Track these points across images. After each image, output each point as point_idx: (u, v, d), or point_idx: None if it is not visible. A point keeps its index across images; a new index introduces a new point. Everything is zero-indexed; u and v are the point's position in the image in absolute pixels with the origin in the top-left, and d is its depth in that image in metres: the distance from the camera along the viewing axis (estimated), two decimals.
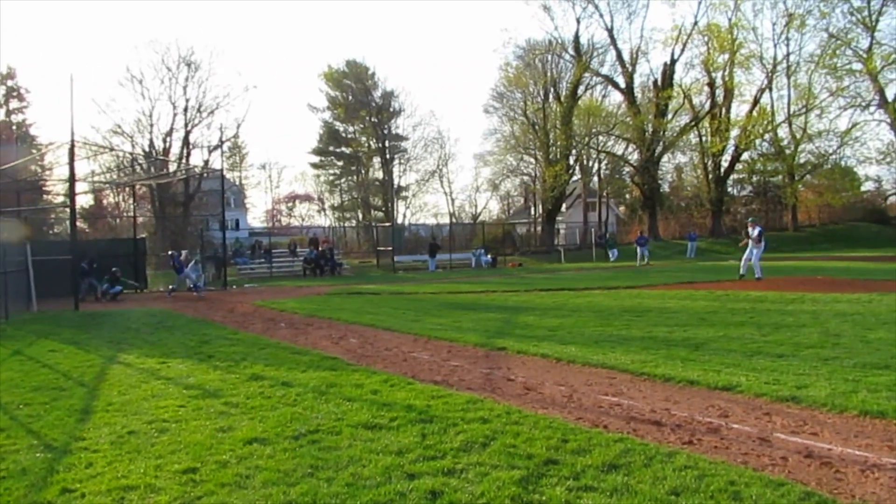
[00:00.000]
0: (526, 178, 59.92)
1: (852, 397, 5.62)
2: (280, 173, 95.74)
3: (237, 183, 61.99)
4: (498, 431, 5.03)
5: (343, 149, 59.06)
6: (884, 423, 5.03)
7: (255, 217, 68.58)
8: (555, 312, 13.04)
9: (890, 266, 23.38)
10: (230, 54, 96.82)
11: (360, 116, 56.61)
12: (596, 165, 55.35)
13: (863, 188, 53.58)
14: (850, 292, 14.29)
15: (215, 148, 42.15)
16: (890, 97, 50.83)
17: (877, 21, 49.95)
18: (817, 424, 5.09)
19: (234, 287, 25.80)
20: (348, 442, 4.90)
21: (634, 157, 51.70)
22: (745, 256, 19.67)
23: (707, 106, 48.66)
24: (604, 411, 5.69)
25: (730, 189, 53.19)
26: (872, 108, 50.50)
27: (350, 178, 61.05)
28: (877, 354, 7.45)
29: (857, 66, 48.17)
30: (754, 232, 19.26)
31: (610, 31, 48.62)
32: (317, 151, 61.54)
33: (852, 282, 17.41)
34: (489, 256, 37.03)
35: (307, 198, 67.49)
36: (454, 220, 57.44)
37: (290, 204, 69.76)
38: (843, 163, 49.67)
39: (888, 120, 50.79)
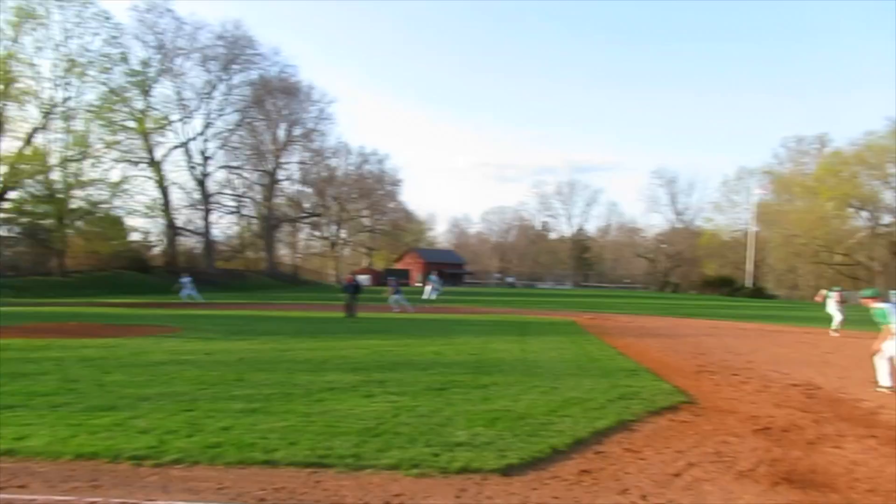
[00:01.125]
0: None
1: (70, 442, 5.95)
2: None
3: None
4: None
5: None
6: (94, 463, 5.50)
7: None
8: None
9: (146, 311, 25.51)
10: None
11: None
12: None
13: (130, 238, 56.97)
14: (102, 337, 15.05)
15: None
16: (157, 157, 56.69)
17: (151, 87, 55.36)
18: (29, 475, 5.19)
19: None
20: None
21: None
22: None
23: None
24: None
25: None
26: (143, 165, 55.19)
27: None
28: (108, 397, 8.09)
29: (132, 124, 51.98)
30: None
31: None
32: None
33: (107, 327, 18.32)
34: None
35: None
36: None
37: None
38: (113, 212, 51.93)
39: (154, 178, 56.38)
